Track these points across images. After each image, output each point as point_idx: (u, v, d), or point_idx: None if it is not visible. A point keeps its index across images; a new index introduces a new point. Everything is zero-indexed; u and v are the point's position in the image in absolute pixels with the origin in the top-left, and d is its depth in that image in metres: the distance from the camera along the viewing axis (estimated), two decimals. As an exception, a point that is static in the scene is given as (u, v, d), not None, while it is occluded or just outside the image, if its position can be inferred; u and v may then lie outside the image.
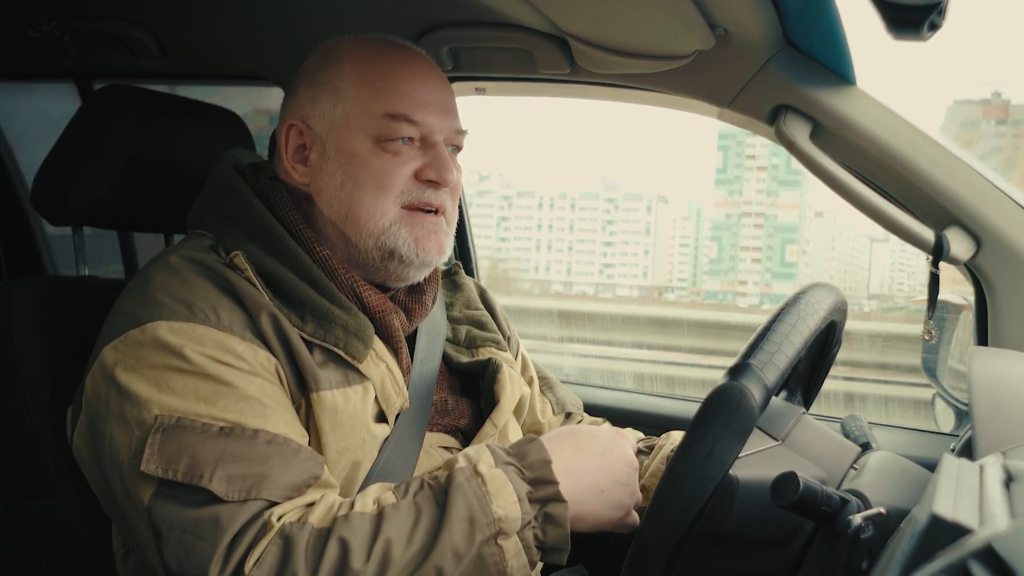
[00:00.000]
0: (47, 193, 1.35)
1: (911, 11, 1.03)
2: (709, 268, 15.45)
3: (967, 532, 0.57)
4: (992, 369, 1.13)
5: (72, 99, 2.04)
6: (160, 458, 0.93)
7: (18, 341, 1.16)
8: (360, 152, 1.12)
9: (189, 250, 1.10)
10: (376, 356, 1.12)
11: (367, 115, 1.12)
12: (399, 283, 1.18)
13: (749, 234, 16.30)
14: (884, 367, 3.83)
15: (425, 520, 0.94)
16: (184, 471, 0.92)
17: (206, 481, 0.91)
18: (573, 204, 19.26)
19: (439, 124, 1.14)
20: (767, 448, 1.03)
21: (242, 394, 0.97)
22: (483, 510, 0.94)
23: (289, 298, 1.08)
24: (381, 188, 1.11)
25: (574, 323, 4.71)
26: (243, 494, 0.92)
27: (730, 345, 4.84)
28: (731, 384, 0.83)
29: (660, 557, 0.83)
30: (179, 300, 1.02)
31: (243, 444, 0.94)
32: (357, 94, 1.13)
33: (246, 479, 0.92)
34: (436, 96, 1.15)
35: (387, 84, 1.13)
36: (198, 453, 0.93)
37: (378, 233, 1.12)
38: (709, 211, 16.46)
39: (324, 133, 1.14)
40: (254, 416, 0.97)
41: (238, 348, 1.00)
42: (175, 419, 0.94)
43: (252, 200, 1.13)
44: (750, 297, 15.11)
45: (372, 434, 1.09)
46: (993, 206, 1.28)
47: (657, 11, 1.20)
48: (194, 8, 1.63)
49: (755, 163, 16.09)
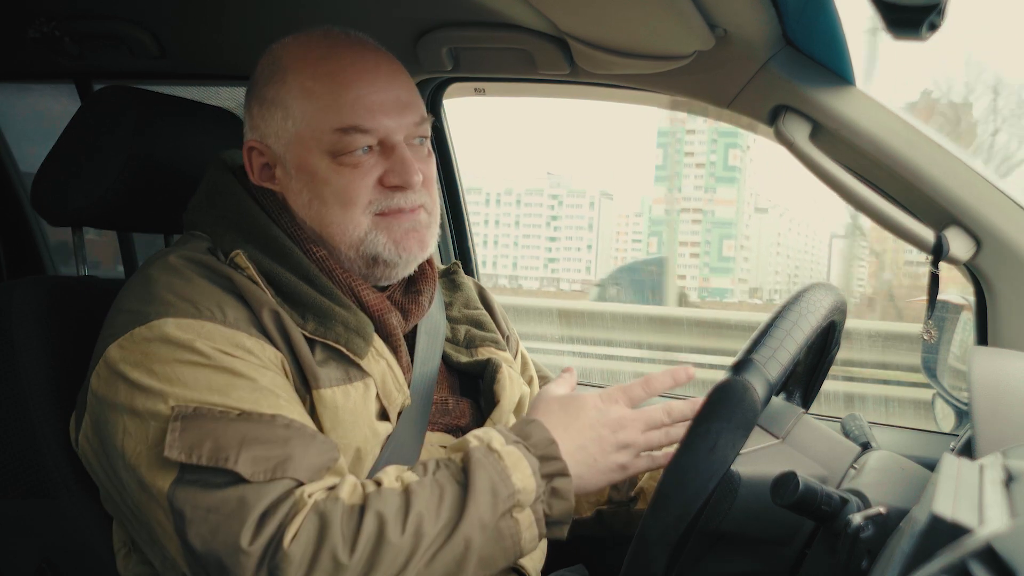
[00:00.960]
0: (47, 193, 1.35)
1: (911, 11, 1.03)
2: (650, 263, 15.97)
3: (967, 532, 0.57)
4: (992, 369, 1.13)
5: (72, 99, 2.04)
6: (183, 443, 0.93)
7: (18, 341, 1.16)
8: (319, 170, 1.10)
9: (188, 250, 1.09)
10: (376, 353, 1.12)
11: (318, 131, 1.09)
12: (391, 281, 1.18)
13: (687, 229, 16.60)
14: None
15: (450, 495, 0.95)
16: (208, 455, 0.92)
17: (231, 463, 0.91)
18: (519, 200, 19.31)
19: (396, 124, 1.10)
20: (768, 446, 1.04)
21: (256, 384, 0.98)
22: (504, 482, 0.96)
23: (290, 297, 1.08)
24: (346, 203, 1.10)
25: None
26: (269, 474, 0.92)
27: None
28: (734, 379, 0.83)
29: (662, 552, 0.83)
30: (184, 298, 1.02)
31: (263, 427, 0.94)
32: (304, 111, 1.10)
33: (270, 460, 0.93)
34: (387, 94, 1.11)
35: (332, 95, 1.09)
36: (220, 437, 0.93)
37: (356, 243, 1.11)
38: (649, 207, 16.80)
39: (282, 152, 1.13)
40: (268, 405, 0.97)
41: (247, 343, 1.01)
42: (191, 408, 0.95)
43: (247, 201, 1.13)
44: (689, 292, 15.50)
45: (375, 431, 1.09)
46: (993, 206, 1.28)
47: (657, 11, 1.20)
48: (194, 8, 1.63)
49: (693, 160, 16.37)
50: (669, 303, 8.03)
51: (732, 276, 15.03)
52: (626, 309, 6.07)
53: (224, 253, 1.10)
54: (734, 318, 5.60)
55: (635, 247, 16.50)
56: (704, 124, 14.69)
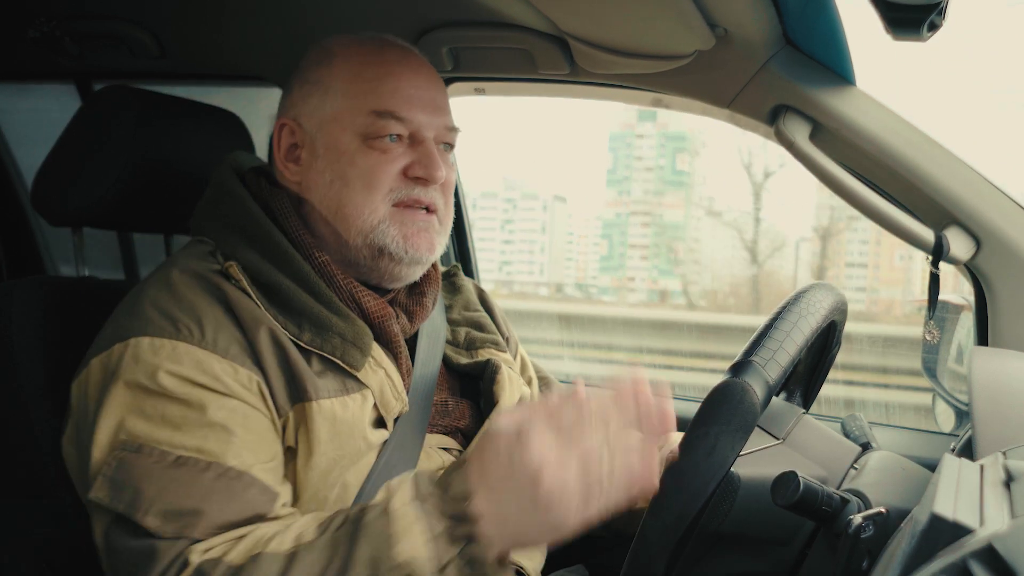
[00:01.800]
0: (47, 193, 1.35)
1: (911, 11, 1.03)
2: (600, 265, 15.88)
3: (967, 532, 0.57)
4: (992, 369, 1.13)
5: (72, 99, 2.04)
6: (111, 485, 0.95)
7: (18, 341, 1.16)
8: (348, 150, 1.12)
9: (188, 259, 1.09)
10: (375, 363, 1.11)
11: (354, 112, 1.12)
12: (394, 283, 1.18)
13: (637, 232, 16.94)
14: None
15: (336, 561, 0.88)
16: (127, 503, 0.94)
17: (141, 516, 0.93)
18: (474, 204, 19.52)
19: (428, 121, 1.14)
20: (768, 447, 1.03)
21: (209, 420, 0.97)
22: (386, 553, 0.86)
23: (286, 306, 1.07)
24: (369, 186, 1.11)
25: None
26: (174, 532, 0.92)
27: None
28: (733, 381, 0.83)
29: (661, 554, 0.83)
30: (166, 315, 1.02)
31: (193, 477, 0.95)
32: (345, 91, 1.13)
33: (181, 516, 0.93)
34: (426, 93, 1.15)
35: (375, 81, 1.12)
36: (143, 486, 0.94)
37: (367, 231, 1.11)
38: (600, 210, 17.07)
39: (314, 131, 1.14)
40: (216, 442, 0.96)
41: (216, 368, 1.00)
42: (137, 445, 0.96)
43: (252, 206, 1.13)
44: (638, 293, 15.68)
45: (368, 442, 1.08)
46: (993, 206, 1.28)
47: (657, 11, 1.20)
48: (194, 8, 1.63)
49: (643, 164, 16.64)
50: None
51: (680, 280, 15.28)
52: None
53: (224, 257, 1.10)
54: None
55: (587, 250, 16.68)
56: (653, 129, 14.89)
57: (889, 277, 8.05)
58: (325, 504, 1.05)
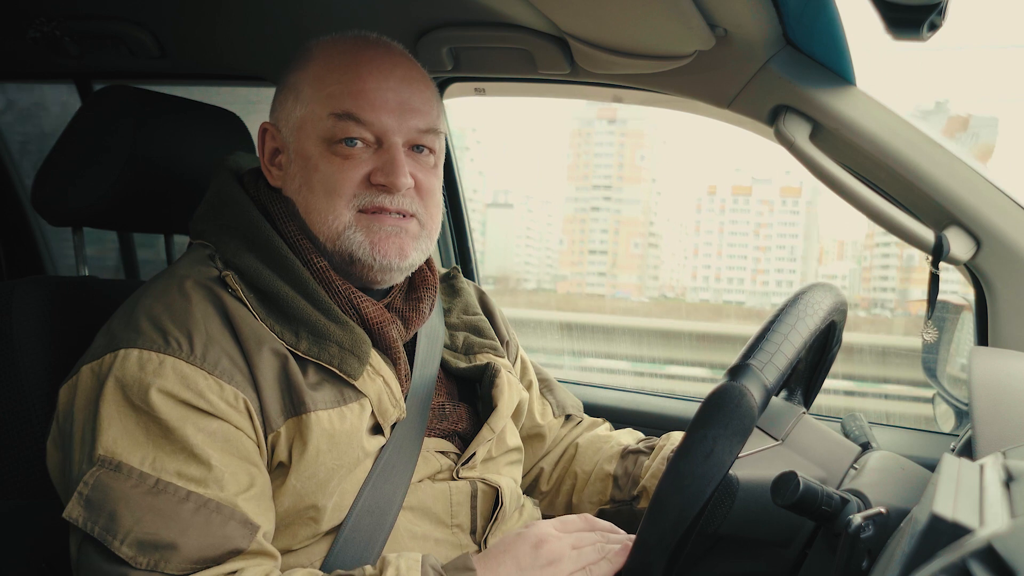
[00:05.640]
0: (47, 193, 1.35)
1: (911, 11, 1.03)
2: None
3: (967, 532, 0.57)
4: (992, 369, 1.13)
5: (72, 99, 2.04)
6: (85, 507, 0.93)
7: (18, 341, 1.16)
8: (312, 155, 1.10)
9: (187, 267, 1.08)
10: (373, 371, 1.10)
11: (318, 116, 1.10)
12: (383, 285, 1.17)
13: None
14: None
15: None
16: (101, 528, 0.92)
17: (116, 544, 0.91)
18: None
19: (394, 124, 1.10)
20: (767, 448, 1.03)
21: (190, 442, 0.96)
22: None
23: (284, 314, 1.06)
24: (330, 192, 1.09)
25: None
26: (150, 565, 0.91)
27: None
28: (731, 384, 0.83)
29: (660, 557, 0.83)
30: (158, 327, 1.00)
31: (171, 506, 0.93)
32: (311, 95, 1.11)
33: (157, 549, 0.91)
34: (394, 95, 1.10)
35: (339, 84, 1.09)
36: (119, 511, 0.92)
37: (334, 237, 1.10)
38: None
39: (288, 136, 1.13)
40: (197, 467, 0.95)
41: (201, 384, 0.98)
42: (116, 463, 0.94)
43: (251, 211, 1.12)
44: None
45: (365, 450, 1.08)
46: (993, 206, 1.28)
47: (657, 11, 1.20)
48: (194, 8, 1.63)
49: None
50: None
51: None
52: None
53: (223, 262, 1.09)
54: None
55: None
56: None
57: (626, 264, 8.39)
58: (323, 512, 1.04)
